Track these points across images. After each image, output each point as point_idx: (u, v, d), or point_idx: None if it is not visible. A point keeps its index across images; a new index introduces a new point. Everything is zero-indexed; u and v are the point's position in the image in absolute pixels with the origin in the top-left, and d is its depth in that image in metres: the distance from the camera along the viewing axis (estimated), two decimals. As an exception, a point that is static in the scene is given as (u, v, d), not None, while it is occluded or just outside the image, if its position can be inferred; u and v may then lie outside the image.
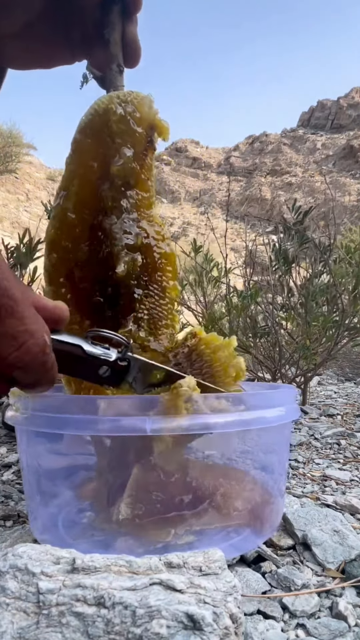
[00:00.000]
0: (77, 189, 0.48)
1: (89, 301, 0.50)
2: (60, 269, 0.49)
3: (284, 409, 0.44)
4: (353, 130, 23.53)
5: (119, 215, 0.49)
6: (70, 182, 0.48)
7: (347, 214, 4.28)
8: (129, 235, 0.49)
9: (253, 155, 24.59)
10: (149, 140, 0.50)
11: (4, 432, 0.89)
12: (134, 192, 0.50)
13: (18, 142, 10.66)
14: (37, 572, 0.27)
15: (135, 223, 0.50)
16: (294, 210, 1.14)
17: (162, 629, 0.25)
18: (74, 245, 0.49)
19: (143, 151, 0.50)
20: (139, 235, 0.50)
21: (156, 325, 0.50)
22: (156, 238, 0.51)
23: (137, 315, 0.49)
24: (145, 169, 0.51)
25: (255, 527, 0.44)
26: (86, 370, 0.39)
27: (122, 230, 0.49)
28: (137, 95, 0.49)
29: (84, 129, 0.48)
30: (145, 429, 0.36)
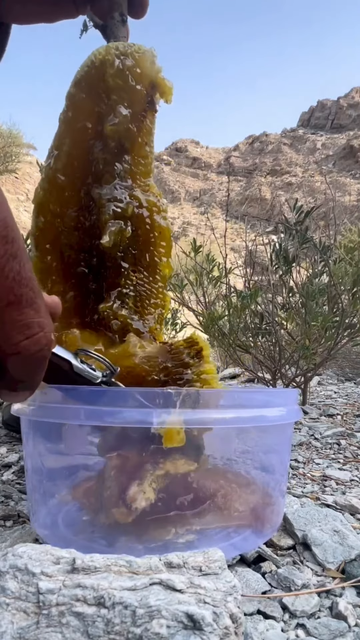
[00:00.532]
0: (68, 149, 0.45)
1: (73, 271, 0.47)
2: (46, 234, 0.46)
3: (285, 409, 0.44)
4: (353, 130, 23.52)
5: (111, 181, 0.45)
6: (62, 141, 0.45)
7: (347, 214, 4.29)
8: (118, 203, 0.45)
9: (253, 155, 24.58)
10: (149, 100, 0.45)
11: (4, 432, 0.89)
12: (129, 156, 0.46)
13: (18, 142, 10.65)
14: (37, 572, 0.27)
15: (128, 191, 0.45)
16: (294, 210, 1.14)
17: (162, 629, 0.25)
18: (62, 210, 0.46)
19: (142, 112, 0.45)
20: (130, 204, 0.45)
21: (143, 304, 0.47)
22: (150, 209, 0.47)
23: (122, 290, 0.46)
24: (143, 132, 0.46)
25: (256, 528, 0.44)
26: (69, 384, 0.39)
27: (112, 197, 0.44)
28: (138, 49, 0.44)
29: (78, 81, 0.44)
30: (152, 422, 0.37)
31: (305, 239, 1.14)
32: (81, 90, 0.44)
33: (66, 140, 0.44)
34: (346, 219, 2.08)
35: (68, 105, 0.44)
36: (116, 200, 0.45)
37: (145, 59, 0.44)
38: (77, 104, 0.44)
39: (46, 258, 0.46)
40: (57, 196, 0.45)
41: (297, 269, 1.28)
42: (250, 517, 0.45)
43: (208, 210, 16.96)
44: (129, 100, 0.44)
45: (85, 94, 0.44)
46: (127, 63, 0.43)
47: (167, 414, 0.37)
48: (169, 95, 0.46)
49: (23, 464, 0.70)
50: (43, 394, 0.41)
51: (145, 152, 0.47)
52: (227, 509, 0.44)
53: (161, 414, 0.37)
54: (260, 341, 1.28)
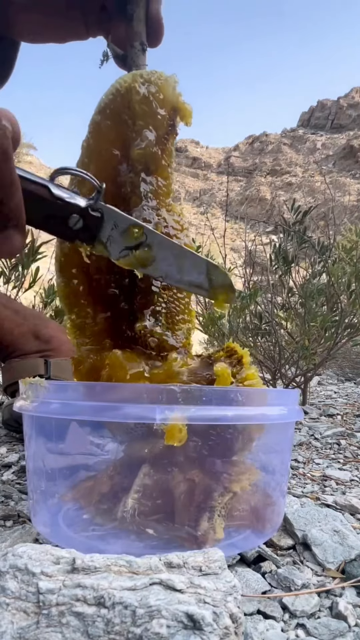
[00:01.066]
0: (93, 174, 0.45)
1: (103, 293, 0.47)
2: (72, 258, 0.46)
3: (286, 409, 0.44)
4: (353, 130, 23.53)
5: (138, 202, 0.46)
6: (87, 166, 0.45)
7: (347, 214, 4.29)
8: (148, 224, 0.46)
9: (253, 155, 24.59)
10: (170, 124, 0.47)
11: (4, 432, 0.89)
12: (153, 178, 0.47)
13: (18, 142, 10.64)
14: (37, 572, 0.27)
15: (155, 211, 0.47)
16: (293, 210, 1.14)
17: (162, 629, 0.25)
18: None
19: (165, 135, 0.47)
20: (159, 224, 0.47)
21: (173, 320, 0.48)
22: (175, 228, 0.48)
23: (155, 308, 0.47)
24: (166, 154, 0.48)
25: (256, 528, 0.44)
26: (54, 220, 0.34)
27: (141, 219, 0.46)
28: (160, 75, 0.46)
29: (103, 109, 0.45)
30: (155, 418, 0.37)
31: (304, 239, 1.14)
32: (106, 118, 0.45)
33: (91, 167, 0.45)
34: (346, 219, 2.08)
35: (92, 132, 0.45)
36: (145, 220, 0.46)
37: (168, 85, 0.46)
38: (102, 131, 0.45)
39: (72, 282, 0.47)
40: None
41: (297, 269, 1.28)
42: (251, 517, 0.45)
43: (208, 210, 16.97)
44: (154, 125, 0.46)
45: (111, 120, 0.45)
46: (152, 90, 0.45)
47: (170, 410, 0.37)
48: (189, 119, 0.48)
49: (23, 464, 0.70)
50: (46, 389, 0.41)
51: (167, 173, 0.48)
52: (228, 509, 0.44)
53: (164, 410, 0.37)
54: (260, 341, 1.28)
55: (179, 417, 0.38)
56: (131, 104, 0.45)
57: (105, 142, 0.45)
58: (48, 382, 0.42)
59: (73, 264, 0.47)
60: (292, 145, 23.91)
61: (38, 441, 0.46)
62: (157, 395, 0.38)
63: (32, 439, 0.47)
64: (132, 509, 0.42)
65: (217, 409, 0.40)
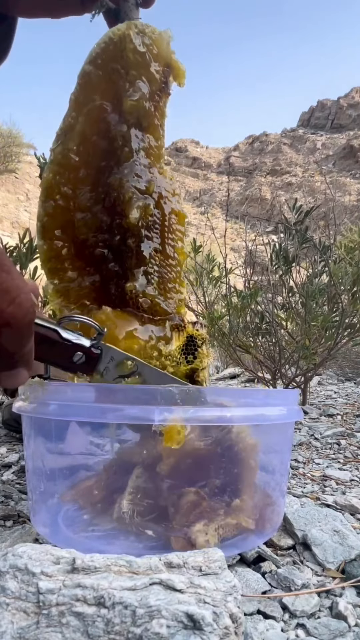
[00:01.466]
0: (82, 128, 0.43)
1: (90, 254, 0.45)
2: (57, 218, 0.44)
3: (286, 409, 0.44)
4: (353, 130, 23.53)
5: (129, 157, 0.44)
6: (75, 120, 0.43)
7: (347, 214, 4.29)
8: (140, 179, 0.44)
9: (253, 155, 24.60)
10: (164, 82, 0.45)
11: (4, 432, 0.89)
12: (146, 136, 0.45)
13: (18, 142, 10.66)
14: (37, 572, 0.27)
15: (147, 169, 0.45)
16: (294, 210, 1.14)
17: (162, 629, 0.25)
18: (75, 191, 0.44)
19: (158, 92, 0.45)
20: (152, 181, 0.45)
21: (165, 287, 0.46)
22: (167, 190, 0.46)
23: (147, 269, 0.45)
24: (158, 113, 0.46)
25: (257, 528, 0.44)
26: (60, 356, 0.39)
27: (133, 173, 0.44)
28: (154, 29, 0.44)
29: (94, 58, 0.43)
30: (154, 419, 0.37)
31: (305, 238, 1.14)
32: (97, 67, 0.43)
33: (80, 119, 0.43)
34: (346, 219, 2.08)
35: (81, 83, 0.43)
36: (137, 175, 0.44)
37: (162, 40, 0.44)
38: (92, 82, 0.43)
39: (56, 244, 0.44)
40: (69, 177, 0.44)
41: (297, 269, 1.28)
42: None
43: (208, 210, 16.96)
44: (147, 78, 0.44)
45: (102, 70, 0.43)
46: (146, 41, 0.43)
47: (169, 411, 0.37)
48: (182, 79, 0.46)
49: (23, 464, 0.70)
50: (45, 390, 0.41)
51: (159, 134, 0.46)
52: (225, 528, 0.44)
53: (163, 411, 0.37)
54: (260, 341, 1.28)
55: (177, 418, 0.37)
56: (125, 52, 0.43)
57: (96, 94, 0.43)
58: (47, 383, 0.42)
59: (57, 225, 0.44)
60: (292, 145, 23.91)
61: (37, 441, 0.46)
62: (156, 396, 0.38)
63: (31, 439, 0.47)
64: (130, 510, 0.41)
65: (216, 410, 0.39)
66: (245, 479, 0.44)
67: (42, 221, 0.44)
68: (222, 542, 0.41)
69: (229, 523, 0.41)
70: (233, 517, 0.41)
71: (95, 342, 0.40)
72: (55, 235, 0.44)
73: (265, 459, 0.50)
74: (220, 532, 0.40)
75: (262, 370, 1.39)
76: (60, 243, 0.45)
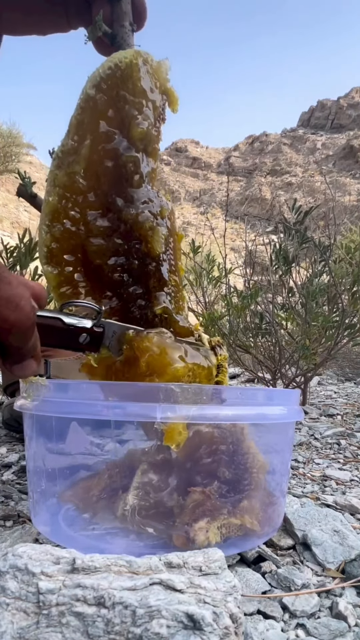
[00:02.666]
0: (88, 152, 0.43)
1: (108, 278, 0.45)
2: (65, 243, 0.43)
3: (286, 409, 0.44)
4: (353, 130, 23.53)
5: (141, 183, 0.44)
6: (79, 144, 0.43)
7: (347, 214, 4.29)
8: (153, 204, 0.45)
9: (253, 155, 24.59)
10: (162, 108, 0.46)
11: (4, 432, 0.89)
12: (149, 160, 0.46)
13: (18, 142, 10.65)
14: (37, 572, 0.27)
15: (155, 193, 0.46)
16: (294, 210, 1.14)
17: (162, 629, 0.25)
18: (83, 215, 0.44)
19: (158, 118, 0.46)
20: (164, 206, 0.46)
21: (177, 304, 0.48)
22: (171, 212, 0.48)
23: (167, 291, 0.47)
24: (158, 139, 0.47)
25: (261, 529, 0.44)
26: (67, 340, 0.41)
27: (147, 199, 0.44)
28: (153, 58, 0.45)
29: (99, 83, 0.42)
30: (156, 416, 0.37)
31: (305, 238, 1.14)
32: (102, 92, 0.43)
33: (85, 143, 0.43)
34: (346, 219, 2.08)
35: (84, 107, 0.43)
36: (150, 200, 0.45)
37: (162, 69, 0.45)
38: (97, 107, 0.43)
39: (66, 270, 0.44)
40: (77, 201, 0.43)
41: (297, 269, 1.28)
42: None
43: (208, 210, 16.96)
44: (151, 106, 0.45)
45: (107, 95, 0.43)
46: (149, 70, 0.44)
47: (171, 409, 0.37)
48: (176, 105, 0.47)
49: (23, 464, 0.70)
50: (46, 388, 0.41)
51: (157, 157, 0.47)
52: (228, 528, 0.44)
53: (165, 409, 0.37)
54: (260, 341, 1.28)
55: (179, 416, 0.37)
56: (132, 80, 0.43)
57: (102, 118, 0.43)
58: (49, 381, 0.42)
59: (67, 249, 0.44)
60: (292, 145, 23.91)
61: (38, 441, 0.46)
62: (158, 394, 0.38)
63: (32, 439, 0.47)
64: (133, 507, 0.42)
65: (217, 409, 0.40)
66: (254, 479, 0.44)
67: (49, 246, 0.43)
68: (225, 541, 0.41)
69: (232, 523, 0.41)
70: (238, 518, 0.41)
71: (96, 321, 0.42)
72: (66, 260, 0.44)
73: (265, 458, 0.50)
74: (223, 532, 0.40)
75: (262, 370, 1.39)
76: (71, 268, 0.44)
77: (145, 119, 0.44)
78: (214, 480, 0.42)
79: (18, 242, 0.92)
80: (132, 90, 0.43)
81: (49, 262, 0.44)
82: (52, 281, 0.44)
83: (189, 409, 0.38)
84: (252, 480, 0.44)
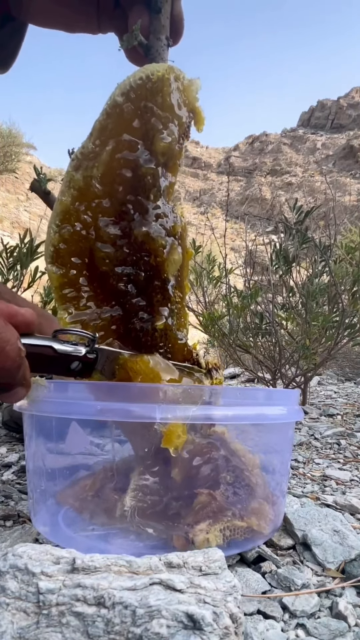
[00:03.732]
0: (109, 158, 0.43)
1: (113, 287, 0.45)
2: (74, 245, 0.43)
3: (286, 409, 0.44)
4: (353, 130, 23.53)
5: (158, 197, 0.44)
6: (100, 148, 0.43)
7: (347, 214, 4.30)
8: (168, 219, 0.45)
9: (253, 155, 24.59)
10: (188, 126, 0.46)
11: (4, 432, 0.89)
12: (167, 174, 0.46)
13: (18, 142, 10.64)
14: (37, 572, 0.27)
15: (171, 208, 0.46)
16: (294, 210, 1.14)
17: (162, 629, 0.25)
18: (95, 220, 0.43)
19: (182, 135, 0.46)
20: (177, 223, 0.46)
21: (179, 321, 0.48)
22: (184, 229, 0.48)
23: (171, 306, 0.46)
24: (180, 155, 0.47)
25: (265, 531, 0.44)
26: (58, 367, 0.41)
27: (162, 213, 0.45)
28: (185, 75, 0.45)
29: (128, 92, 0.42)
30: (155, 417, 0.37)
31: (306, 238, 1.14)
32: (130, 101, 0.43)
33: (106, 149, 0.43)
34: (346, 219, 2.07)
35: (110, 113, 0.43)
36: (166, 216, 0.45)
37: (191, 87, 0.46)
38: (124, 115, 0.43)
39: (70, 272, 0.44)
40: (91, 205, 0.43)
41: (297, 268, 1.28)
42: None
43: (208, 210, 16.96)
44: (177, 122, 0.45)
45: (134, 105, 0.43)
46: (180, 87, 0.45)
47: (170, 409, 0.37)
48: (202, 125, 0.47)
49: (23, 464, 0.70)
50: (46, 389, 0.41)
51: (176, 173, 0.47)
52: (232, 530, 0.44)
53: (164, 409, 0.37)
54: (260, 341, 1.28)
55: (179, 417, 0.37)
56: (162, 94, 0.43)
57: (127, 127, 0.43)
58: (48, 382, 0.42)
59: (74, 252, 0.43)
60: (292, 145, 23.91)
61: (38, 441, 0.46)
62: (158, 395, 0.38)
63: (32, 438, 0.47)
64: (132, 508, 0.41)
65: (217, 409, 0.39)
66: (253, 475, 0.44)
67: (56, 246, 0.43)
68: (229, 544, 0.40)
69: (237, 525, 0.41)
70: (245, 520, 0.41)
71: (89, 348, 0.41)
72: (72, 262, 0.44)
73: (265, 458, 0.50)
74: (227, 534, 0.40)
75: (262, 370, 1.39)
76: (76, 271, 0.44)
77: (170, 134, 0.44)
78: (218, 485, 0.42)
79: (19, 242, 0.92)
80: (160, 103, 0.43)
81: (54, 262, 0.43)
82: (55, 281, 0.44)
83: (189, 409, 0.38)
84: (252, 477, 0.44)
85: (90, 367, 0.42)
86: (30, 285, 1.10)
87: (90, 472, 0.50)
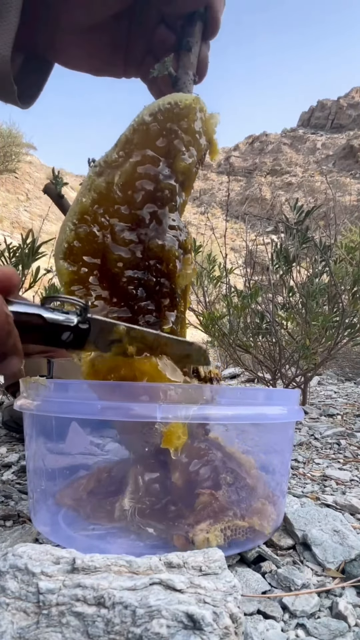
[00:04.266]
0: (131, 168, 0.46)
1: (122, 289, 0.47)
2: (87, 245, 0.45)
3: (286, 409, 0.44)
4: (353, 130, 23.51)
5: (173, 210, 0.48)
6: (124, 159, 0.46)
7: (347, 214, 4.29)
8: (181, 232, 0.48)
9: (253, 155, 24.58)
10: (204, 154, 0.51)
11: (4, 432, 0.89)
12: (182, 193, 0.50)
13: (18, 142, 10.65)
14: (37, 572, 0.27)
15: (184, 224, 0.50)
16: (295, 210, 1.14)
17: (162, 629, 0.25)
18: (111, 224, 0.46)
19: (199, 160, 0.50)
20: (189, 237, 0.49)
21: (182, 331, 0.50)
22: (192, 246, 0.51)
23: (176, 313, 0.48)
24: (195, 177, 0.51)
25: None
26: (48, 338, 0.38)
27: (177, 226, 0.48)
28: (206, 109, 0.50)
29: (156, 113, 0.47)
30: (156, 416, 0.37)
31: (306, 238, 1.14)
32: (157, 122, 0.47)
33: (130, 161, 0.46)
34: (346, 219, 2.07)
35: (137, 129, 0.47)
36: (180, 229, 0.48)
37: (212, 121, 0.50)
38: (150, 133, 0.47)
39: (81, 270, 0.45)
40: (109, 209, 0.46)
41: (298, 268, 1.28)
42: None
43: (208, 210, 16.95)
44: (197, 148, 0.49)
45: (160, 126, 0.47)
46: (202, 117, 0.49)
47: (171, 409, 0.37)
48: (215, 155, 0.52)
49: (23, 464, 0.70)
50: (46, 388, 0.41)
51: (189, 194, 0.52)
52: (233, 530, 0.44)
53: (165, 409, 0.37)
54: (260, 341, 1.28)
55: (179, 416, 0.37)
56: (187, 121, 0.48)
57: (152, 145, 0.47)
58: (49, 381, 0.42)
59: (87, 251, 0.45)
60: (292, 145, 23.91)
61: (38, 441, 0.46)
62: (158, 394, 0.38)
63: (32, 438, 0.47)
64: (131, 508, 0.42)
65: (217, 409, 0.40)
66: (252, 475, 0.44)
67: (70, 243, 0.45)
68: (230, 544, 0.40)
69: (238, 525, 0.41)
70: (246, 520, 0.41)
71: (81, 317, 0.39)
72: (85, 260, 0.45)
73: (265, 458, 0.50)
74: (228, 534, 0.40)
75: (262, 370, 1.39)
76: (87, 270, 0.45)
77: (190, 156, 0.48)
78: (219, 486, 0.42)
79: (20, 243, 0.92)
80: (184, 128, 0.48)
81: (67, 258, 0.45)
82: (65, 277, 0.45)
83: (189, 408, 0.38)
84: (250, 478, 0.44)
85: (83, 338, 0.40)
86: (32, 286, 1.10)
87: (88, 472, 0.50)
